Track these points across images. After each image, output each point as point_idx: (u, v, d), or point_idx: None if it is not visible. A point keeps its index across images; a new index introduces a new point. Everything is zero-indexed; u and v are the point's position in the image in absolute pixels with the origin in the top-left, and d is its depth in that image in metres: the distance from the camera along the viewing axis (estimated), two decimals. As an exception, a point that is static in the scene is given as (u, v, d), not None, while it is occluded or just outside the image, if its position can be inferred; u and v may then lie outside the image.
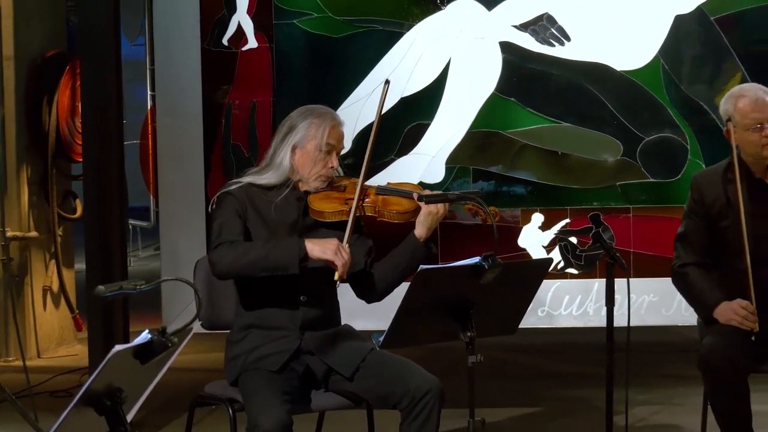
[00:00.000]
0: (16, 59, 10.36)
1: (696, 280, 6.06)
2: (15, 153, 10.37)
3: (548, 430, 7.84)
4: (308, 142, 5.71)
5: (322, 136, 5.70)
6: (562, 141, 7.72)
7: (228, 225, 5.63)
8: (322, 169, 5.71)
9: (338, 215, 5.68)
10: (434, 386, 5.51)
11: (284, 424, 5.29)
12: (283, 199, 5.72)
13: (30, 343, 10.12)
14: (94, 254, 8.04)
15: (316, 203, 5.71)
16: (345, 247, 5.50)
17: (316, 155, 5.71)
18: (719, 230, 6.13)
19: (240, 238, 5.61)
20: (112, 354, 4.09)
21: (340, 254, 5.45)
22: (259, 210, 5.71)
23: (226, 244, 5.55)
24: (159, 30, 8.05)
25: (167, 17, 7.91)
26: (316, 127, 5.72)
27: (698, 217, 6.16)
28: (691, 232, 6.16)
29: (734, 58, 7.68)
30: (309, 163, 5.71)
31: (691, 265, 6.12)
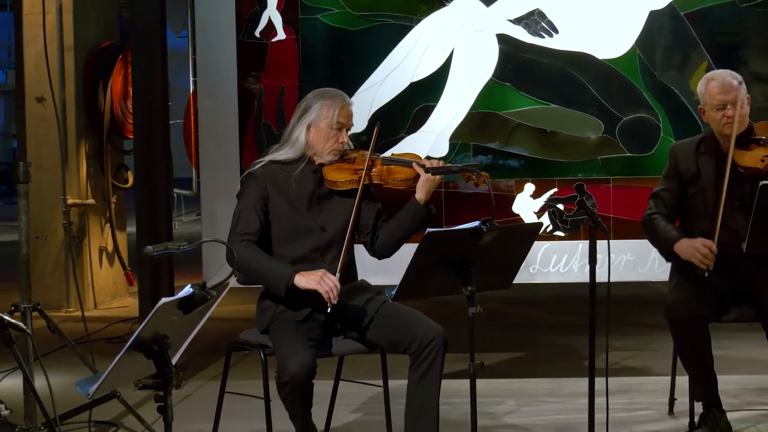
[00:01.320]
0: (76, 49, 10.37)
1: (661, 224, 6.07)
2: (75, 131, 10.39)
3: (539, 371, 7.84)
4: (321, 120, 5.74)
5: (333, 115, 5.74)
6: (550, 120, 7.70)
7: (246, 216, 5.70)
8: (334, 144, 5.74)
9: (349, 184, 5.72)
10: (439, 334, 5.53)
11: (309, 366, 5.32)
12: (300, 172, 5.75)
13: (88, 296, 10.15)
14: (144, 219, 8.06)
15: (329, 174, 5.75)
16: (329, 276, 5.49)
17: (328, 132, 5.74)
18: (688, 196, 6.14)
19: (254, 233, 5.67)
20: (159, 305, 4.11)
21: (323, 283, 5.45)
22: (279, 185, 5.75)
23: (243, 244, 5.59)
24: (200, 24, 8.03)
25: (207, 13, 7.90)
26: (328, 108, 5.75)
27: (673, 181, 6.16)
28: (665, 191, 6.17)
29: (701, 49, 7.65)
30: (322, 139, 5.74)
31: (659, 215, 6.13)
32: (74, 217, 10.27)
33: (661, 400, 6.84)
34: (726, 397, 6.32)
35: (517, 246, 5.57)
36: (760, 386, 7.10)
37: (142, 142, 8.10)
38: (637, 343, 8.48)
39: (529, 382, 7.59)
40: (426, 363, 5.51)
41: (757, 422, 6.47)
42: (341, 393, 6.41)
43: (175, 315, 4.18)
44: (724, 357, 6.17)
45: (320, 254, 5.72)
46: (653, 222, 6.12)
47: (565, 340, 8.72)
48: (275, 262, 5.64)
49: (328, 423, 6.31)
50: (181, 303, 4.17)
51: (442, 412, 5.62)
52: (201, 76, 8.07)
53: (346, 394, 6.58)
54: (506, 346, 8.57)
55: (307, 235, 5.73)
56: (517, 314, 9.83)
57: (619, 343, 8.28)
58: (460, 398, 6.27)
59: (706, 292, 6.05)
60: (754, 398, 6.94)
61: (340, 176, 5.75)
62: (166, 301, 4.14)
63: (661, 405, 6.80)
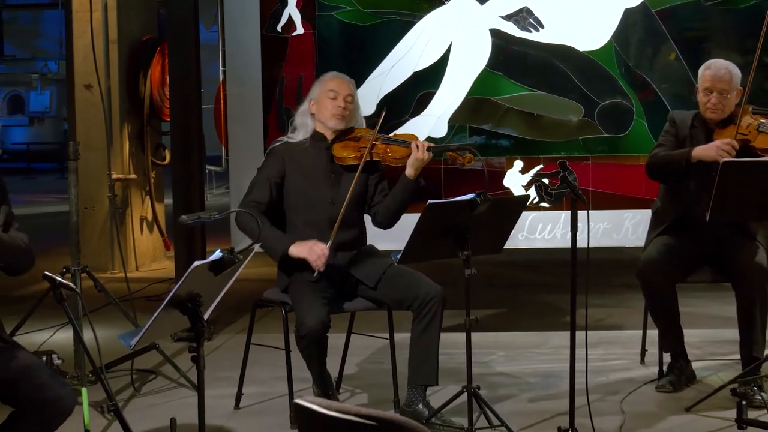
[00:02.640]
0: (119, 42, 10.36)
1: (667, 152, 6.04)
2: (118, 115, 10.38)
3: (526, 326, 7.83)
4: (319, 95, 5.79)
5: (325, 85, 5.81)
6: (537, 105, 7.67)
7: (260, 187, 5.75)
8: (333, 108, 5.76)
9: (354, 160, 5.74)
10: (438, 293, 5.53)
11: (323, 321, 5.33)
12: (313, 149, 5.80)
13: (130, 259, 10.15)
14: (179, 191, 8.05)
15: (337, 151, 5.77)
16: (318, 245, 5.52)
17: (325, 101, 5.76)
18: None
19: (264, 202, 5.71)
20: (193, 268, 4.09)
21: (312, 252, 5.50)
22: (295, 160, 5.77)
23: (253, 210, 5.56)
24: (228, 20, 8.00)
25: (235, 10, 7.87)
26: (321, 84, 5.86)
27: (671, 138, 6.15)
28: (665, 143, 6.15)
29: (670, 42, 7.62)
30: (322, 108, 5.78)
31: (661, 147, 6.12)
32: (118, 190, 10.27)
33: (634, 351, 6.84)
34: (691, 348, 6.32)
35: (508, 215, 5.57)
36: (721, 339, 7.09)
37: (177, 124, 8.10)
38: (613, 301, 8.47)
39: (518, 335, 7.59)
40: (427, 318, 5.52)
41: (718, 371, 6.46)
42: (352, 345, 6.42)
43: (206, 276, 4.18)
44: (690, 313, 6.16)
45: (330, 222, 5.70)
46: (658, 155, 6.11)
47: (549, 299, 8.71)
48: (277, 231, 5.67)
49: (341, 371, 6.31)
50: (212, 265, 4.16)
51: (441, 361, 5.62)
52: (229, 66, 8.05)
53: (356, 345, 6.58)
54: (497, 303, 8.57)
55: (318, 206, 5.74)
56: (507, 276, 9.83)
57: (597, 301, 8.27)
58: (456, 349, 6.27)
59: (674, 255, 6.06)
60: (715, 349, 6.94)
61: (346, 152, 5.77)
62: (199, 263, 4.13)
63: (634, 355, 6.80)
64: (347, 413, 2.39)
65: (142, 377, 6.55)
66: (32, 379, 4.13)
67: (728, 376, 6.14)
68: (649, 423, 5.62)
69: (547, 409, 5.80)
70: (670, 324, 6.14)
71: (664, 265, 6.02)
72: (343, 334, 6.29)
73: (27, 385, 4.12)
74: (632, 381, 6.35)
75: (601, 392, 6.06)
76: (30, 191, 19.55)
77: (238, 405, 5.99)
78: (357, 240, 5.82)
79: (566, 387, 5.25)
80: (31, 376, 4.15)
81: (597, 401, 5.79)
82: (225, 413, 5.89)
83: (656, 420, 5.67)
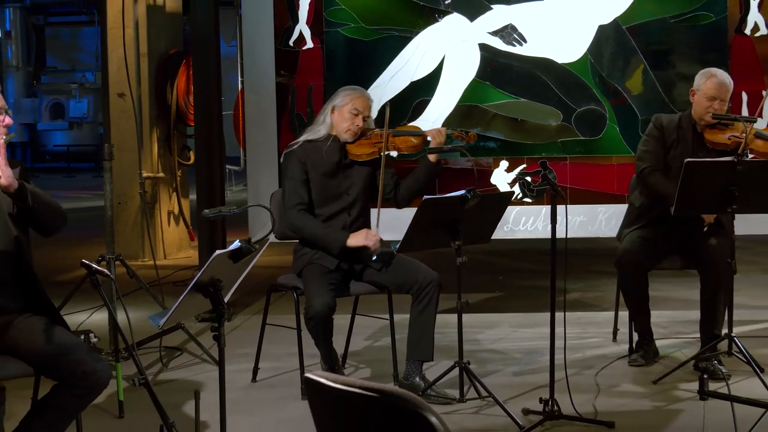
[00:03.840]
0: (149, 55, 10.34)
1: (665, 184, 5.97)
2: (148, 120, 10.36)
3: (512, 307, 7.82)
4: (343, 105, 5.75)
5: (352, 102, 5.74)
6: (520, 111, 7.65)
7: (295, 188, 5.71)
8: (349, 125, 5.73)
9: (369, 156, 5.76)
10: (435, 278, 5.53)
11: (329, 305, 5.34)
12: (329, 147, 5.76)
13: (158, 248, 10.13)
14: (202, 188, 8.04)
15: (353, 150, 5.78)
16: (371, 233, 5.63)
17: (346, 116, 5.72)
18: (669, 157, 6.10)
19: (305, 202, 5.70)
20: (214, 256, 4.08)
21: (369, 238, 5.59)
22: (313, 159, 5.74)
23: (300, 210, 5.63)
24: (246, 35, 7.98)
25: (252, 27, 7.85)
26: (350, 98, 5.76)
27: (657, 143, 6.11)
28: (650, 152, 6.11)
29: (639, 55, 7.59)
30: (342, 120, 5.74)
31: (654, 170, 6.08)
32: (148, 187, 10.26)
33: (606, 330, 6.83)
34: (658, 327, 6.32)
35: (495, 209, 5.58)
36: (685, 319, 7.08)
37: (201, 128, 8.09)
38: (588, 285, 8.47)
39: (504, 316, 7.58)
40: (424, 301, 5.52)
41: (681, 347, 6.46)
42: (356, 325, 6.41)
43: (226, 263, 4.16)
44: (659, 297, 6.16)
45: (347, 212, 5.75)
46: (659, 183, 6.05)
47: (532, 283, 8.70)
48: (328, 228, 5.68)
49: (347, 348, 6.30)
50: (232, 254, 4.15)
51: (436, 339, 5.62)
52: (247, 76, 8.04)
53: (360, 325, 6.57)
54: (486, 288, 8.56)
55: (336, 198, 5.74)
56: (494, 263, 9.82)
57: (574, 285, 8.27)
58: (449, 329, 6.26)
59: (649, 246, 6.07)
60: (680, 329, 6.93)
61: (362, 150, 5.78)
62: (220, 252, 4.12)
63: (606, 334, 6.79)
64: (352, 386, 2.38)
65: (170, 354, 6.54)
66: (72, 355, 4.13)
67: (691, 352, 6.14)
68: (621, 395, 5.62)
69: (529, 382, 5.80)
70: (640, 306, 6.14)
71: (640, 256, 6.03)
72: (348, 315, 6.28)
73: (67, 361, 4.12)
74: (605, 357, 6.34)
75: (577, 367, 6.06)
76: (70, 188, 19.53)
77: (254, 378, 5.99)
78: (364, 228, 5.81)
79: (547, 362, 5.25)
80: (70, 352, 4.14)
81: (574, 375, 5.78)
82: (243, 386, 5.89)
83: (627, 392, 5.67)
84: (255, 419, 5.31)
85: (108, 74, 9.98)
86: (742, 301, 7.37)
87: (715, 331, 5.93)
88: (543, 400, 5.14)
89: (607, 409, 5.33)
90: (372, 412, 2.35)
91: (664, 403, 5.44)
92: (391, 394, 2.32)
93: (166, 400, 4.84)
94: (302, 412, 5.13)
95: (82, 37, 26.01)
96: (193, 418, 4.37)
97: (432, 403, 5.21)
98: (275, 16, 7.74)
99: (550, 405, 5.11)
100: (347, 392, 2.38)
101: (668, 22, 7.61)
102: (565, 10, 7.66)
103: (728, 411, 4.55)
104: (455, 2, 7.67)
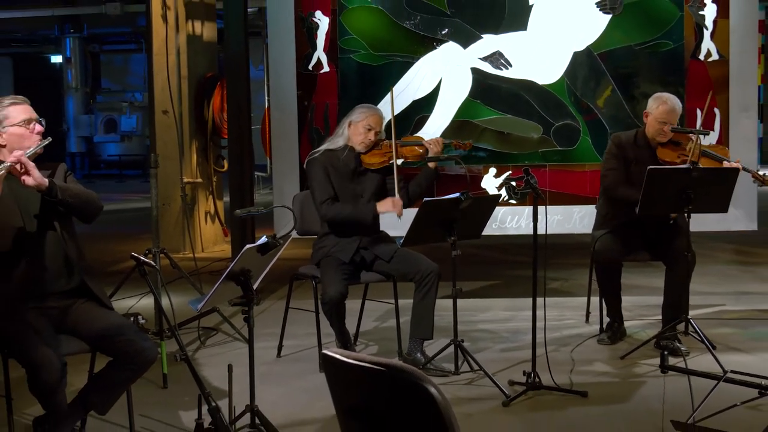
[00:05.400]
0: (189, 78, 10.34)
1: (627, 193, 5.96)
2: (188, 133, 10.36)
3: (499, 294, 7.82)
4: (359, 121, 5.75)
5: (366, 118, 5.74)
6: (506, 126, 7.63)
7: (322, 186, 5.69)
8: (362, 139, 5.74)
9: (380, 164, 5.77)
10: (435, 268, 5.53)
11: (342, 293, 5.36)
12: (346, 156, 5.77)
13: (197, 243, 10.14)
14: (234, 191, 8.05)
15: (366, 159, 5.79)
16: (395, 199, 5.65)
17: (361, 130, 5.72)
18: (629, 172, 6.09)
19: (332, 195, 5.68)
20: (245, 249, 4.08)
21: (395, 205, 5.64)
22: (333, 165, 5.74)
23: (329, 202, 5.64)
24: (272, 61, 7.97)
25: (277, 53, 7.83)
26: (365, 115, 5.76)
27: (618, 161, 6.10)
28: (613, 170, 6.08)
29: (608, 77, 7.57)
30: (356, 134, 5.75)
31: (619, 184, 6.06)
32: (188, 191, 10.27)
33: (580, 313, 6.83)
34: (624, 311, 6.30)
35: (484, 210, 5.58)
36: (648, 304, 7.07)
37: (233, 140, 8.10)
38: (564, 275, 8.45)
39: (493, 301, 7.57)
40: (425, 288, 5.51)
41: (645, 328, 6.45)
42: (366, 309, 6.41)
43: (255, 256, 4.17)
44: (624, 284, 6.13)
45: None
46: (619, 191, 6.05)
47: (517, 273, 8.69)
48: (356, 205, 5.68)
49: (358, 328, 6.30)
50: (259, 248, 4.15)
51: (435, 321, 5.61)
52: (272, 96, 8.04)
53: (369, 309, 6.58)
54: (477, 276, 8.55)
55: (353, 199, 5.74)
56: (484, 255, 9.81)
57: (552, 275, 8.25)
58: (446, 311, 6.25)
59: (621, 243, 6.06)
60: (644, 312, 6.92)
61: (375, 159, 5.79)
62: (249, 246, 4.12)
63: (580, 316, 6.79)
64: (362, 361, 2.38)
65: (206, 333, 6.55)
66: (123, 335, 4.13)
67: (653, 332, 6.13)
68: (592, 368, 5.61)
69: (515, 357, 5.79)
70: (612, 292, 6.14)
71: (614, 254, 6.03)
72: (359, 301, 6.28)
73: (119, 340, 4.12)
74: (579, 336, 6.33)
75: (555, 344, 6.05)
76: (121, 192, 19.53)
77: (279, 354, 5.99)
78: (376, 226, 5.83)
79: (529, 340, 5.24)
80: (122, 332, 4.15)
81: (552, 351, 5.78)
82: (269, 360, 5.89)
83: (597, 366, 5.66)
84: (279, 389, 5.31)
85: (154, 94, 9.99)
86: (697, 288, 7.35)
87: (674, 313, 5.93)
88: (526, 373, 5.14)
89: (581, 381, 5.32)
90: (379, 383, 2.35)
91: (630, 376, 5.43)
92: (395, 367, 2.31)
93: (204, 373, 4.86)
94: (320, 382, 5.15)
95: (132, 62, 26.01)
96: (226, 389, 4.37)
97: (431, 375, 5.20)
98: (297, 45, 7.73)
99: (532, 377, 5.11)
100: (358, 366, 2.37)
101: (633, 49, 7.59)
102: (544, 39, 7.65)
103: (685, 382, 4.55)
104: (450, 32, 7.66)
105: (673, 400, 4.88)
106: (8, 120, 4.18)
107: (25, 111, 4.22)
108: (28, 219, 4.17)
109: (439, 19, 7.67)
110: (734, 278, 8.37)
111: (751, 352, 5.84)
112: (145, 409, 4.85)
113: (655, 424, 4.60)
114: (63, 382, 3.99)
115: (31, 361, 3.92)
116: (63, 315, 4.23)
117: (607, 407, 4.90)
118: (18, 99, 4.26)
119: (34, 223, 4.18)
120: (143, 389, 5.14)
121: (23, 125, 4.19)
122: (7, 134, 4.18)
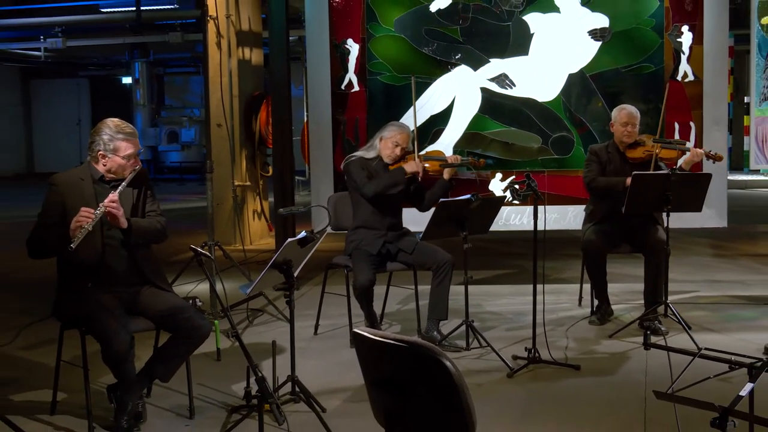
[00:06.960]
0: (240, 96, 10.35)
1: (605, 179, 6.01)
2: (239, 143, 10.37)
3: (505, 281, 7.79)
4: (389, 138, 5.73)
5: (395, 136, 5.72)
6: (511, 137, 7.61)
7: (361, 174, 5.68)
8: (390, 153, 5.73)
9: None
10: (449, 259, 5.52)
11: (371, 280, 5.36)
12: (377, 164, 5.77)
13: (246, 236, 10.17)
14: (278, 193, 8.06)
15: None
16: (417, 161, 5.66)
17: (389, 145, 5.71)
18: (604, 173, 6.09)
19: (370, 176, 5.68)
20: (287, 243, 4.08)
21: (418, 165, 5.65)
22: (367, 168, 5.74)
23: (368, 182, 5.63)
24: (310, 82, 7.98)
25: (314, 75, 7.84)
26: (394, 132, 5.75)
27: (596, 165, 6.10)
28: (594, 169, 6.08)
29: (598, 95, 7.54)
30: (386, 148, 5.74)
31: (597, 177, 6.05)
32: (238, 192, 10.28)
33: (573, 297, 6.79)
34: (611, 296, 6.26)
35: (492, 209, 5.56)
36: (632, 290, 7.03)
37: (277, 149, 8.13)
38: (560, 265, 8.41)
39: (499, 287, 7.54)
40: (441, 275, 5.50)
41: (629, 311, 6.40)
42: (391, 293, 6.40)
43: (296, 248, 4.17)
44: (612, 273, 6.09)
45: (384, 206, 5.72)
46: (600, 182, 6.04)
47: (520, 263, 8.66)
48: (388, 172, 5.67)
49: (383, 310, 6.29)
50: (299, 241, 4.15)
51: (449, 304, 5.59)
52: (311, 111, 8.05)
53: (393, 293, 6.57)
54: (485, 266, 8.52)
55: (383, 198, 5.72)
56: (491, 248, 9.77)
57: (550, 264, 8.21)
58: (459, 296, 6.23)
59: (605, 236, 6.03)
60: (628, 297, 6.88)
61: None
62: (291, 240, 4.12)
63: (573, 300, 6.75)
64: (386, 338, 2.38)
65: (254, 314, 6.56)
66: (183, 314, 4.16)
67: (637, 314, 6.09)
68: (584, 345, 5.59)
69: (518, 336, 5.77)
70: (599, 279, 6.11)
71: (600, 244, 6.00)
72: (384, 286, 6.27)
73: (180, 318, 4.15)
74: (573, 317, 6.30)
75: (552, 325, 6.02)
76: (182, 193, 19.57)
77: (316, 332, 5.99)
78: (399, 225, 5.83)
79: (530, 321, 5.23)
80: (182, 312, 4.17)
81: (550, 330, 5.75)
82: (307, 337, 5.89)
83: (589, 343, 5.63)
84: (316, 362, 5.31)
85: (209, 110, 10.02)
86: (675, 276, 7.32)
87: (655, 297, 5.89)
88: (527, 349, 5.12)
89: (575, 356, 5.30)
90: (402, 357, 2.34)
91: (617, 352, 5.40)
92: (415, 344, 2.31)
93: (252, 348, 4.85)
94: (351, 357, 5.15)
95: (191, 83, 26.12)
96: (271, 361, 4.38)
97: (445, 350, 5.18)
98: (332, 68, 7.74)
99: (533, 352, 5.10)
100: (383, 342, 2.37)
101: (620, 71, 7.56)
102: (543, 63, 7.63)
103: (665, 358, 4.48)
104: (463, 57, 7.65)
105: (655, 372, 4.85)
106: (118, 152, 4.23)
107: (133, 147, 4.27)
108: (109, 234, 4.23)
109: (453, 45, 7.66)
110: (708, 268, 8.31)
111: (723, 332, 5.80)
112: (201, 379, 4.86)
113: (638, 394, 4.57)
114: (131, 353, 4.01)
115: (103, 335, 3.96)
116: (132, 299, 4.26)
117: (597, 379, 4.88)
118: (129, 134, 4.27)
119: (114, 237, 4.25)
120: (200, 362, 5.15)
121: (127, 159, 4.25)
122: (112, 161, 4.24)
